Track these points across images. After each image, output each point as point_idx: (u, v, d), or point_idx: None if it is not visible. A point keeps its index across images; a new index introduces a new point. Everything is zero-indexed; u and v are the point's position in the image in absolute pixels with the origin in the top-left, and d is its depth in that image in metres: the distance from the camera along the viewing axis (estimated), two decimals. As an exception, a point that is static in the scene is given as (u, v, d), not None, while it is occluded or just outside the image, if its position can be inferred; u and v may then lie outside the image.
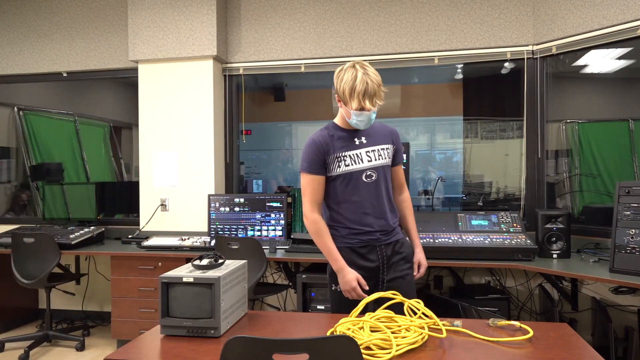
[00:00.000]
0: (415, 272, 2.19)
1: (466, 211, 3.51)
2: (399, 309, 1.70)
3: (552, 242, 3.03)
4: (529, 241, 2.98)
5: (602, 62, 3.49)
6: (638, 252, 2.49)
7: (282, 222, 3.69)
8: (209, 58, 3.89)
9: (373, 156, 2.10)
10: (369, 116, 2.00)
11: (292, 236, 3.67)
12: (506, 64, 3.71)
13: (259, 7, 3.99)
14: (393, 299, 1.74)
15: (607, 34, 3.12)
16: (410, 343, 1.46)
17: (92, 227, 3.88)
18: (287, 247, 3.43)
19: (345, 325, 1.57)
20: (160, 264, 3.39)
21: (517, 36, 3.57)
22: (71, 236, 3.66)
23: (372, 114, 2.01)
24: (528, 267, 2.85)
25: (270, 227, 3.71)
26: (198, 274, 1.66)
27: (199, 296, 1.62)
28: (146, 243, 3.52)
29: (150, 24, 3.95)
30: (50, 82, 4.62)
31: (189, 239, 3.57)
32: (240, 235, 3.72)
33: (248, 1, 4.01)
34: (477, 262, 2.96)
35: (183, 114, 3.96)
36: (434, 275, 3.59)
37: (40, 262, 3.44)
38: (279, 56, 3.96)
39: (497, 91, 4.18)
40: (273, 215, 3.71)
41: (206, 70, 3.91)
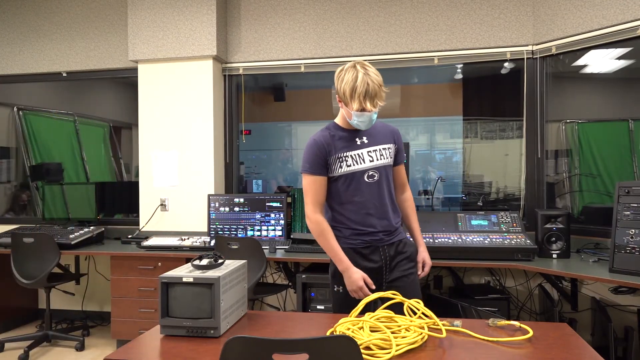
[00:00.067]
0: (419, 271, 2.18)
1: (466, 211, 3.52)
2: (399, 309, 1.70)
3: (551, 242, 3.03)
4: (528, 241, 2.99)
5: (602, 62, 3.49)
6: (638, 252, 2.50)
7: (282, 222, 3.69)
8: (209, 58, 3.89)
9: (375, 156, 2.08)
10: (370, 117, 1.98)
11: (291, 236, 3.67)
12: (506, 64, 3.71)
13: (258, 7, 3.99)
14: (393, 298, 1.74)
15: (607, 34, 3.12)
16: (410, 343, 1.46)
17: (91, 227, 3.88)
18: (287, 247, 3.43)
19: (345, 325, 1.57)
20: (160, 264, 3.39)
21: (516, 36, 3.57)
22: (71, 236, 3.66)
23: (373, 114, 1.99)
24: (528, 267, 2.85)
25: (270, 227, 3.71)
26: (198, 274, 1.66)
27: (199, 296, 1.62)
28: (146, 243, 3.52)
29: (150, 24, 3.95)
30: (50, 82, 4.61)
31: (188, 239, 3.57)
32: (240, 235, 3.72)
33: (248, 1, 4.02)
34: (477, 262, 2.96)
35: (183, 114, 3.96)
36: (433, 275, 3.59)
37: (40, 262, 3.44)
38: (278, 56, 3.96)
39: (496, 91, 4.17)
40: (273, 215, 3.71)
41: (206, 70, 3.91)
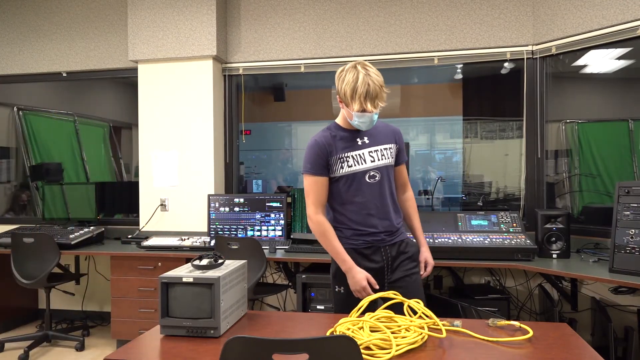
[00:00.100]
0: (422, 271, 2.18)
1: (466, 211, 3.52)
2: (399, 309, 1.69)
3: (551, 242, 3.03)
4: (528, 241, 2.98)
5: (602, 62, 3.49)
6: (638, 252, 2.50)
7: (282, 222, 3.69)
8: (209, 58, 3.89)
9: (376, 156, 2.07)
10: (371, 117, 1.97)
11: (291, 236, 3.67)
12: (506, 64, 3.71)
13: (258, 7, 3.99)
14: (393, 298, 1.74)
15: (607, 34, 3.12)
16: (410, 343, 1.46)
17: (91, 227, 3.88)
18: (287, 247, 3.43)
19: (345, 325, 1.57)
20: (160, 264, 3.39)
21: (516, 36, 3.57)
22: (71, 236, 3.66)
23: (374, 115, 1.97)
24: (528, 267, 2.85)
25: (270, 227, 3.71)
26: (198, 274, 1.66)
27: (199, 296, 1.61)
28: (146, 243, 3.52)
29: (150, 24, 3.95)
30: (50, 82, 4.61)
31: (188, 239, 3.57)
32: (240, 235, 3.72)
33: (248, 1, 4.01)
34: (477, 262, 2.96)
35: (183, 114, 3.96)
36: (433, 275, 3.59)
37: (40, 262, 3.44)
38: (278, 56, 3.96)
39: (496, 91, 4.17)
40: (273, 215, 3.71)
41: (206, 70, 3.91)
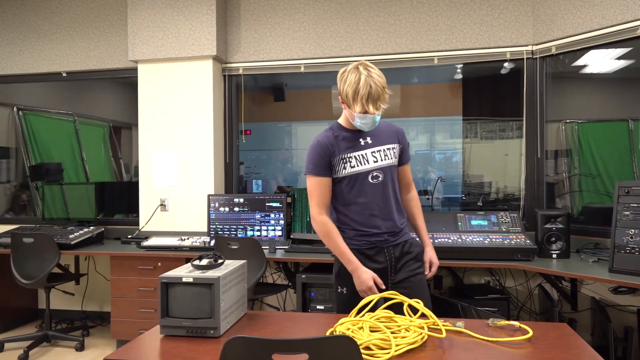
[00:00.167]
0: (426, 271, 2.17)
1: (466, 211, 3.52)
2: (399, 309, 1.69)
3: (551, 242, 3.03)
4: (528, 241, 2.99)
5: (602, 62, 3.49)
6: (637, 252, 2.50)
7: (282, 222, 3.69)
8: (209, 58, 3.89)
9: (379, 156, 2.06)
10: (373, 119, 1.96)
11: (291, 236, 3.67)
12: (506, 64, 3.71)
13: (258, 7, 3.99)
14: (394, 298, 1.74)
15: (607, 34, 3.12)
16: (409, 343, 1.46)
17: (91, 227, 3.88)
18: (287, 247, 3.43)
19: (345, 325, 1.57)
20: (159, 264, 3.39)
21: (516, 36, 3.57)
22: (71, 236, 3.66)
23: (377, 116, 1.96)
24: (527, 267, 2.85)
25: (270, 227, 3.71)
26: (197, 274, 1.66)
27: (199, 296, 1.61)
28: (146, 243, 3.52)
29: (149, 24, 3.94)
30: (49, 82, 4.61)
31: (188, 239, 3.57)
32: (239, 236, 3.72)
33: (248, 1, 4.01)
34: (477, 262, 2.96)
35: (183, 114, 3.96)
36: (433, 276, 3.59)
37: (40, 262, 3.44)
38: (278, 56, 3.96)
39: (496, 91, 4.17)
40: (273, 216, 3.71)
41: (206, 70, 3.91)
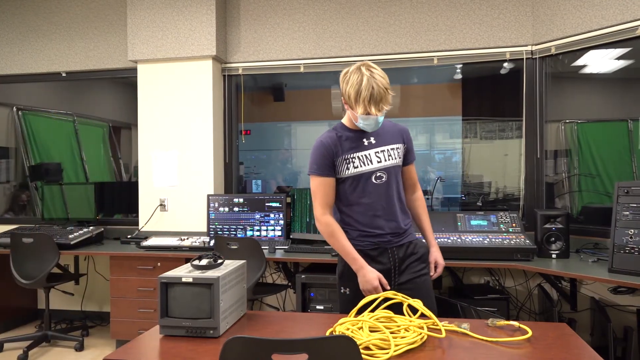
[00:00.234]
0: (432, 272, 2.15)
1: (465, 211, 3.52)
2: (399, 309, 1.69)
3: (551, 242, 3.03)
4: (528, 241, 2.99)
5: (601, 62, 3.49)
6: (637, 252, 2.50)
7: (282, 222, 3.69)
8: (208, 58, 3.89)
9: (383, 157, 2.04)
10: (376, 120, 1.94)
11: (291, 236, 3.67)
12: (505, 64, 3.71)
13: (258, 7, 3.99)
14: (394, 298, 1.74)
15: (606, 34, 3.12)
16: (409, 343, 1.46)
17: (91, 227, 3.88)
18: (287, 247, 3.43)
19: (345, 326, 1.57)
20: (159, 264, 3.39)
21: (516, 36, 3.57)
22: (70, 236, 3.65)
23: (380, 117, 1.94)
24: (527, 267, 2.85)
25: (270, 227, 3.71)
26: (197, 274, 1.66)
27: (198, 296, 1.61)
28: (145, 243, 3.52)
29: (149, 24, 3.94)
30: (49, 82, 4.61)
31: (188, 239, 3.57)
32: (239, 236, 3.72)
33: (247, 1, 4.01)
34: (476, 262, 2.96)
35: (182, 114, 3.95)
36: (433, 276, 3.59)
37: (39, 262, 3.44)
38: (278, 56, 3.96)
39: (496, 91, 4.17)
40: (272, 216, 3.71)
41: (205, 70, 3.91)
